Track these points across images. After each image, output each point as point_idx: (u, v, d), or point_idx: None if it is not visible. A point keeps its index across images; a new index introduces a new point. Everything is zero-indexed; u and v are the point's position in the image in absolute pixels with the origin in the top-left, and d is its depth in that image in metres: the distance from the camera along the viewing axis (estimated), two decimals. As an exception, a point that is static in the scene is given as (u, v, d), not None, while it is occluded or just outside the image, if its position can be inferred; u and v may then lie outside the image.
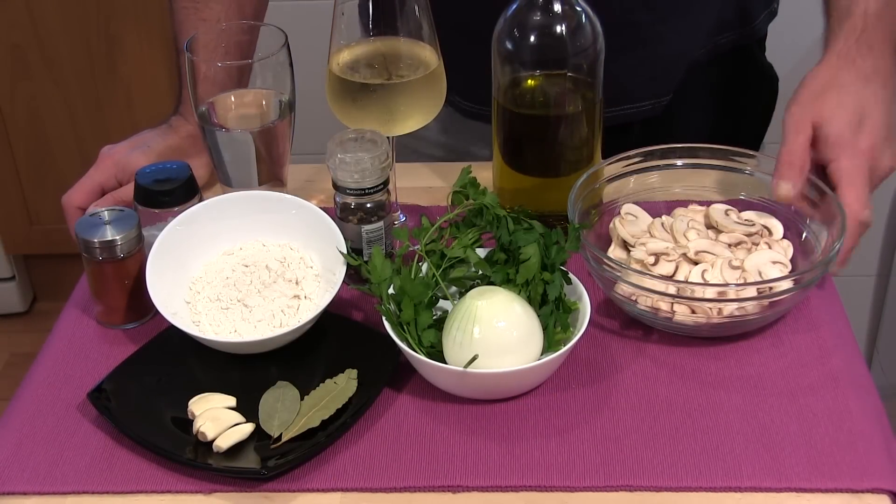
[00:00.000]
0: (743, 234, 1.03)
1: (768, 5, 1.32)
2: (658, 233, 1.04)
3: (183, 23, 1.18)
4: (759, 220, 1.06)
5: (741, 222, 1.05)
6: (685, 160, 1.10)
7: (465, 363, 0.90)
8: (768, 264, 1.00)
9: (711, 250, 1.01)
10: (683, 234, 1.03)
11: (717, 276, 0.98)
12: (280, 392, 0.92)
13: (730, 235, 1.03)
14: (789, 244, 1.04)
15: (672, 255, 1.01)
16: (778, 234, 1.05)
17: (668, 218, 1.06)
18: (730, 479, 0.86)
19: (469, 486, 0.86)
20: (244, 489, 0.87)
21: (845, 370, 0.95)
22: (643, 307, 0.97)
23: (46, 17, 2.16)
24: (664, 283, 0.95)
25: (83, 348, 1.01)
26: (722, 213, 1.05)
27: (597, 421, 0.91)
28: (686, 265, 1.00)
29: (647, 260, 1.00)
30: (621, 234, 1.04)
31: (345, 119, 1.08)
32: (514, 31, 1.03)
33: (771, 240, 1.04)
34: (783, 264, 1.01)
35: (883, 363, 2.24)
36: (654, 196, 1.10)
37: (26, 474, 0.89)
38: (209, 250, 1.04)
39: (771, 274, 0.98)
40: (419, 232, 0.99)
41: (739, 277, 0.98)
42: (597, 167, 1.07)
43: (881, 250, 2.21)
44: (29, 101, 2.26)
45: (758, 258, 1.00)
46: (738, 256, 1.01)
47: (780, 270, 1.00)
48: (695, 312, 0.96)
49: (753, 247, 1.03)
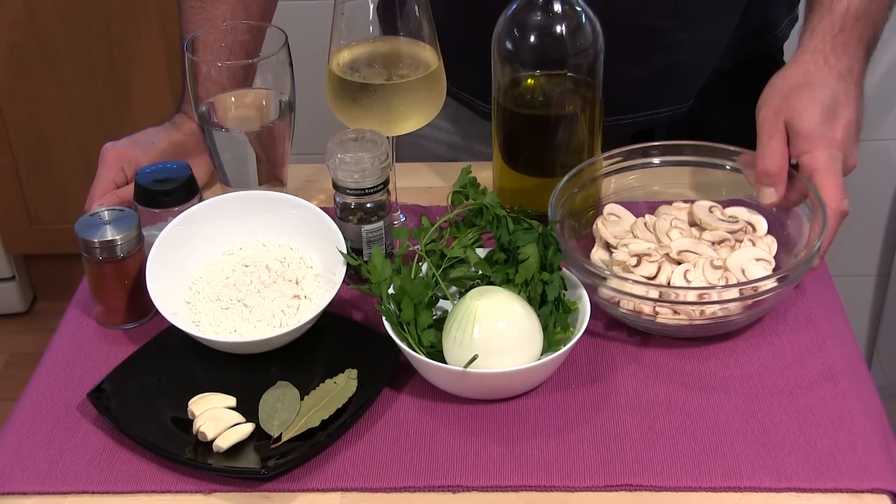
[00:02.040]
0: (726, 231, 1.03)
1: (790, 11, 1.31)
2: (641, 233, 1.03)
3: (189, 22, 1.18)
4: (743, 217, 1.05)
5: (725, 219, 1.04)
6: (664, 158, 1.09)
7: (464, 363, 0.90)
8: (752, 262, 0.99)
9: (694, 249, 1.00)
10: (666, 234, 1.02)
11: (700, 276, 0.98)
12: (280, 392, 0.92)
13: (713, 233, 1.03)
14: (773, 240, 1.03)
15: (654, 255, 1.00)
16: (762, 231, 1.04)
17: (651, 217, 1.06)
18: (730, 479, 0.86)
19: (469, 486, 0.86)
20: (244, 489, 0.87)
21: (845, 370, 0.95)
22: (625, 310, 0.97)
23: (46, 17, 2.16)
24: (645, 288, 0.95)
25: (83, 348, 1.01)
26: (706, 211, 1.05)
27: (597, 421, 0.91)
28: (668, 265, 1.00)
29: (629, 261, 1.00)
30: (604, 235, 1.04)
31: (345, 119, 1.08)
32: (514, 31, 1.03)
33: (755, 236, 1.04)
34: (766, 261, 1.00)
35: (883, 363, 2.24)
36: (635, 195, 1.10)
37: (26, 474, 0.89)
38: (209, 250, 1.04)
39: (754, 272, 0.98)
40: (419, 232, 0.99)
41: (721, 277, 0.98)
42: (576, 169, 1.06)
43: (881, 250, 2.21)
44: (29, 101, 2.26)
45: (741, 256, 1.00)
46: (721, 255, 1.00)
47: (763, 268, 0.99)
48: (677, 314, 0.96)
49: (737, 244, 1.02)
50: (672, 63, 1.22)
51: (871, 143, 2.06)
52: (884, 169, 2.09)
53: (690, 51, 1.22)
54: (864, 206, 2.12)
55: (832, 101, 1.03)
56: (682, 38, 1.20)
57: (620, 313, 0.98)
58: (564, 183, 1.04)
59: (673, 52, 1.21)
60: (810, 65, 1.06)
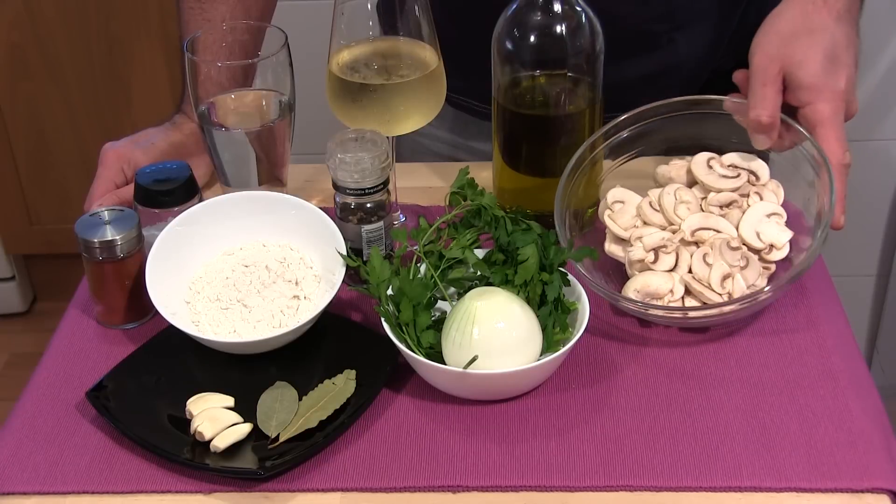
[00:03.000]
0: (730, 190, 1.01)
1: None
2: (649, 216, 1.02)
3: (189, 22, 1.18)
4: (743, 165, 1.02)
5: (726, 172, 1.02)
6: (652, 119, 1.06)
7: (464, 364, 0.89)
8: (763, 220, 0.97)
9: (706, 224, 0.98)
10: (675, 213, 1.01)
11: (719, 259, 0.97)
12: (278, 392, 0.92)
13: (719, 197, 1.01)
14: (778, 184, 1.01)
15: (669, 246, 0.99)
16: (765, 177, 1.02)
17: (654, 192, 1.03)
18: (730, 479, 0.86)
19: (469, 486, 0.86)
20: (244, 489, 0.87)
21: (845, 369, 0.95)
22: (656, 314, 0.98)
23: (46, 17, 2.16)
24: (670, 310, 0.95)
25: (83, 348, 1.01)
26: (704, 168, 1.02)
27: (597, 421, 0.91)
28: (686, 252, 0.99)
29: (647, 258, 0.99)
30: (614, 230, 1.03)
31: (345, 119, 1.08)
32: (514, 31, 1.03)
33: (759, 186, 1.01)
34: (778, 214, 0.98)
35: (883, 363, 2.24)
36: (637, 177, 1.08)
37: (26, 474, 0.89)
38: (209, 250, 1.04)
39: (768, 231, 0.96)
40: (417, 233, 0.99)
41: (741, 257, 0.97)
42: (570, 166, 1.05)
43: (881, 250, 2.21)
44: (29, 101, 2.26)
45: (752, 217, 0.97)
46: (732, 220, 0.98)
47: (776, 223, 0.97)
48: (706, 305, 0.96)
49: (745, 201, 1.00)
50: (670, 64, 1.22)
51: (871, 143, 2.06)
52: (884, 169, 2.09)
53: (687, 52, 1.22)
54: (864, 206, 2.12)
55: (833, 47, 0.99)
56: (677, 39, 1.20)
57: (651, 318, 0.99)
58: (564, 181, 1.04)
59: (670, 54, 1.21)
60: (808, 4, 1.01)
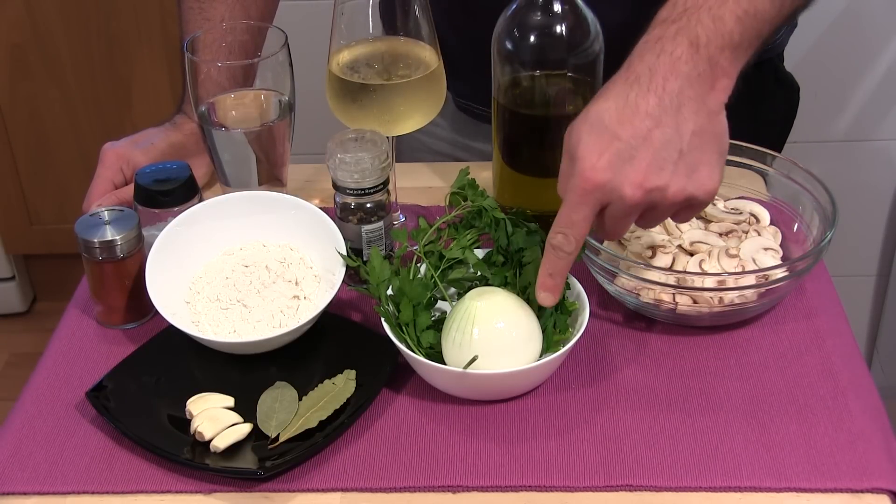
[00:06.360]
0: (732, 222, 1.05)
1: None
2: None
3: (189, 22, 1.18)
4: (745, 209, 1.07)
5: (728, 211, 1.07)
6: None
7: (464, 364, 0.89)
8: (760, 251, 1.01)
9: (705, 240, 1.02)
10: (676, 226, 1.04)
11: (716, 266, 0.99)
12: (278, 392, 0.92)
13: (720, 225, 1.05)
14: (776, 230, 1.06)
15: (668, 247, 1.01)
16: (765, 221, 1.07)
17: None
18: (730, 479, 0.86)
19: (469, 486, 0.86)
20: (244, 489, 0.87)
21: (845, 369, 0.95)
22: (646, 300, 0.98)
23: (46, 17, 2.16)
24: (665, 274, 0.96)
25: (83, 348, 1.01)
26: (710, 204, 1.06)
27: (597, 421, 0.91)
28: (683, 256, 1.01)
29: (644, 253, 1.01)
30: None
31: (345, 119, 1.08)
32: (514, 31, 1.03)
33: (759, 227, 1.06)
34: (774, 250, 1.02)
35: (883, 363, 2.24)
36: None
37: (26, 474, 0.89)
38: (209, 250, 1.04)
39: (764, 261, 1.00)
40: (417, 233, 0.99)
41: (737, 266, 0.99)
42: None
43: (881, 250, 2.21)
44: (29, 101, 2.26)
45: (750, 245, 1.02)
46: (732, 244, 1.02)
47: (772, 256, 1.01)
48: (696, 303, 0.97)
49: (744, 235, 1.04)
50: None
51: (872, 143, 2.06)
52: (884, 169, 2.09)
53: None
54: (864, 206, 2.12)
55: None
56: None
57: (639, 303, 0.99)
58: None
59: None
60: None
